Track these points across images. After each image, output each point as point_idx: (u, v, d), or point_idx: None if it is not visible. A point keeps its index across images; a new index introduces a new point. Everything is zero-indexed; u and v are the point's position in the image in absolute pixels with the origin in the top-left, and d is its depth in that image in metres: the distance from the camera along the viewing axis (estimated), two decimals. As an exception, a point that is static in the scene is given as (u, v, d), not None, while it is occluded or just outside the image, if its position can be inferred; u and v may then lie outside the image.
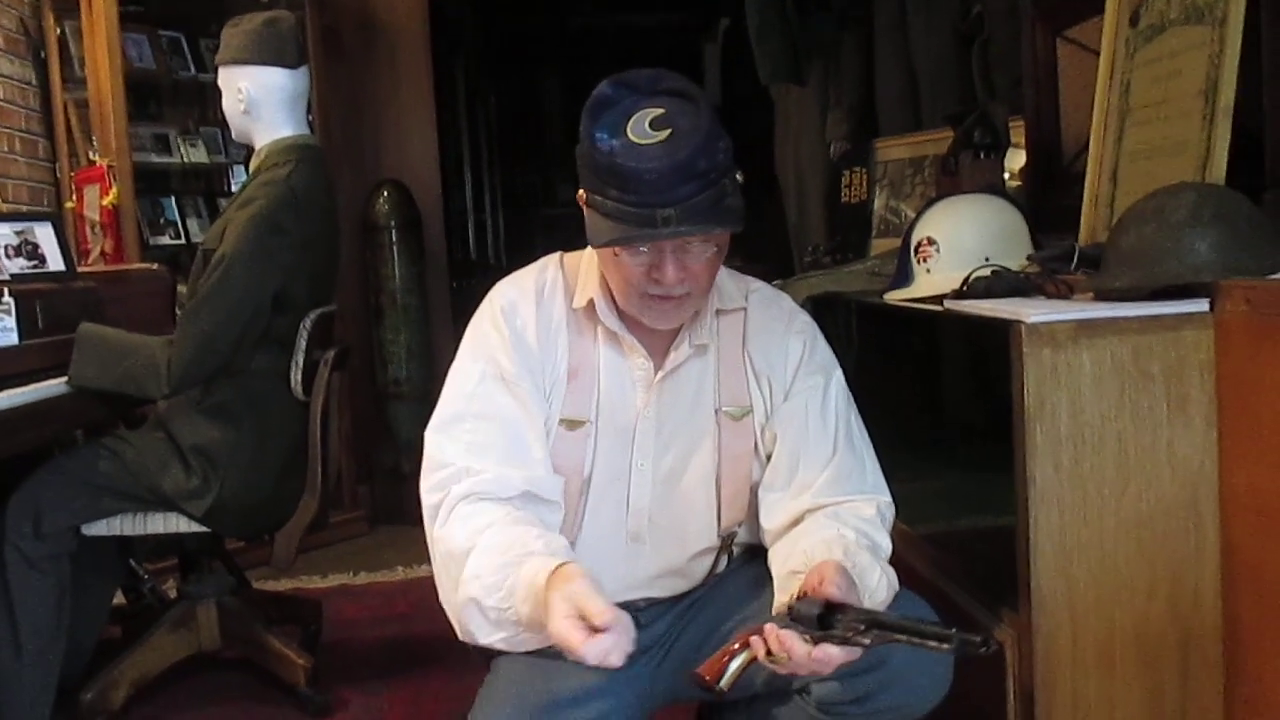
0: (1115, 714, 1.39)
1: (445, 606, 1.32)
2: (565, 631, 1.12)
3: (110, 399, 2.20)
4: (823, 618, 1.14)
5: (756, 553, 1.48)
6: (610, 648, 1.11)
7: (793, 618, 1.15)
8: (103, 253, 3.22)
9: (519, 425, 1.37)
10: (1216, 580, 1.37)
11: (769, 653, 1.15)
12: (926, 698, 1.32)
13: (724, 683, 1.17)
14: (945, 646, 1.08)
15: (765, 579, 1.36)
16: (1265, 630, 1.31)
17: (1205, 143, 1.55)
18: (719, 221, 1.25)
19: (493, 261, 6.05)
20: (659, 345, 1.42)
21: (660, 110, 1.23)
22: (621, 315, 1.40)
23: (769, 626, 1.15)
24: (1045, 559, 1.36)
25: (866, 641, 1.12)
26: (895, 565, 1.35)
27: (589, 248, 1.41)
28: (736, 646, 1.19)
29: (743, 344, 1.45)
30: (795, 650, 1.13)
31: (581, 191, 1.31)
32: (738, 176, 1.28)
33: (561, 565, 1.19)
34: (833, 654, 1.13)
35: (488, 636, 1.26)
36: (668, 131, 1.21)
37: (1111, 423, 1.35)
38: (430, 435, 1.40)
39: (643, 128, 1.23)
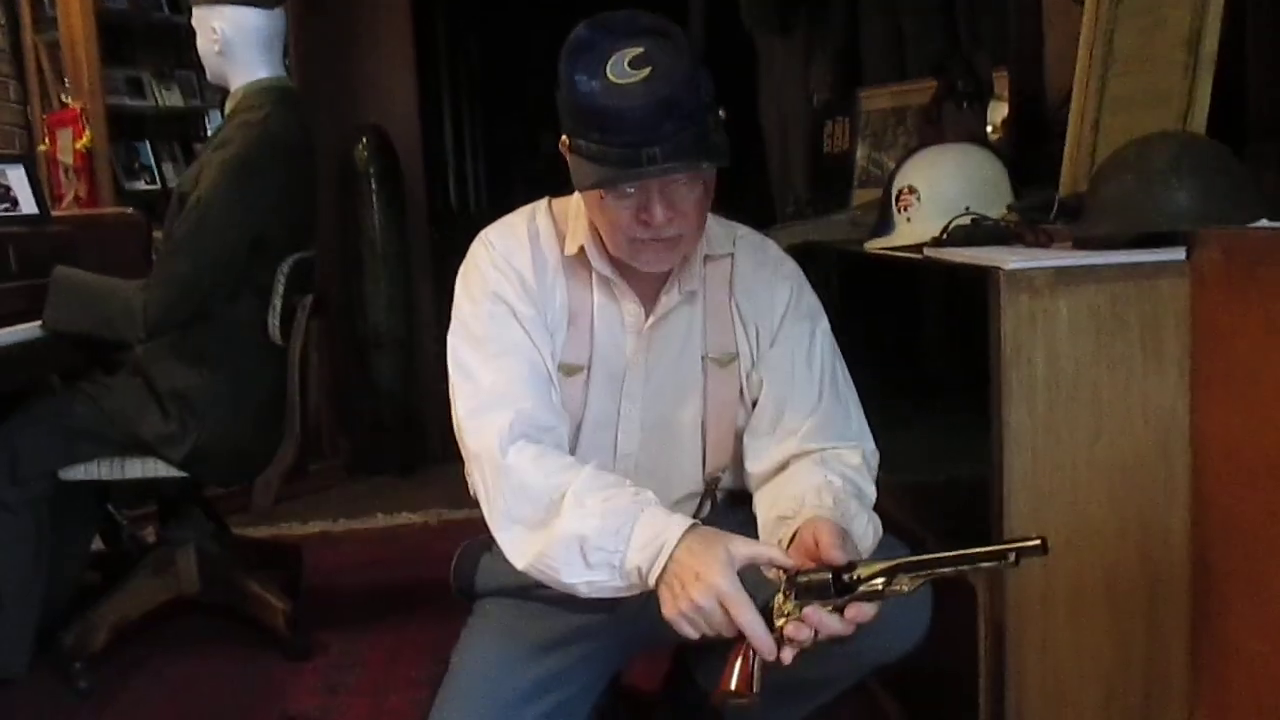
0: (1084, 654, 1.41)
1: (511, 540, 1.27)
2: (737, 592, 1.11)
3: (86, 344, 2.18)
4: (837, 584, 1.11)
5: (739, 498, 1.50)
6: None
7: (800, 594, 1.12)
8: (76, 197, 3.18)
9: (535, 357, 1.35)
10: (1185, 525, 1.39)
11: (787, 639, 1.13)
12: (908, 638, 1.34)
13: (756, 687, 1.14)
14: (1010, 560, 1.05)
15: (749, 524, 1.37)
16: (1232, 574, 1.33)
17: (1187, 93, 1.55)
18: (705, 156, 1.24)
19: (474, 211, 6.00)
20: (649, 292, 1.41)
21: (639, 49, 1.21)
22: (613, 261, 1.39)
23: (791, 627, 1.12)
24: (1018, 503, 1.37)
25: (907, 589, 1.10)
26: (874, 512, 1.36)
27: (576, 193, 1.40)
28: (751, 654, 1.14)
29: (730, 290, 1.45)
30: (831, 626, 1.12)
31: (563, 138, 1.29)
32: (720, 114, 1.27)
33: (693, 527, 1.17)
34: (867, 610, 1.12)
35: (576, 577, 1.21)
36: (647, 70, 1.20)
37: (1087, 370, 1.36)
38: (453, 374, 1.36)
39: (622, 68, 1.21)
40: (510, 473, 1.26)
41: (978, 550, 1.10)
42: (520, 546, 1.26)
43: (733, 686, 1.15)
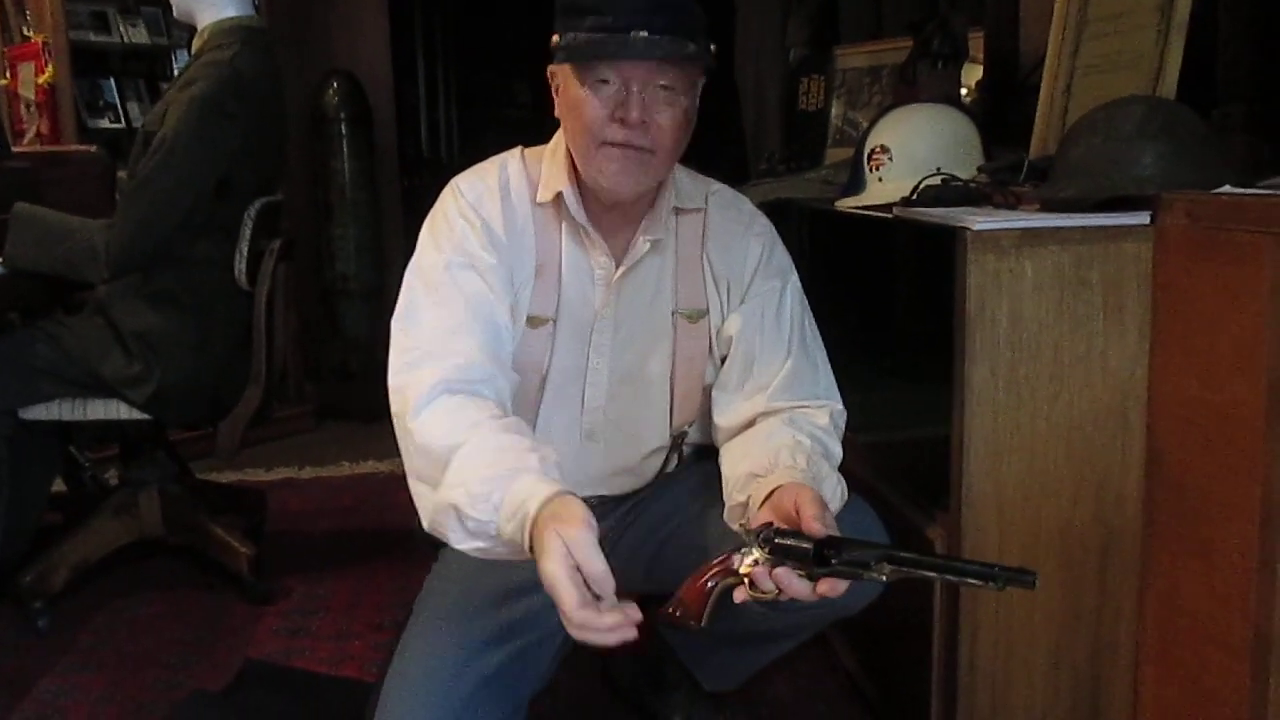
0: (1036, 608, 1.45)
1: (417, 499, 1.23)
2: (563, 586, 1.02)
3: (47, 282, 2.15)
4: (818, 556, 1.11)
5: (704, 453, 1.51)
6: (604, 629, 1.02)
7: (776, 553, 1.12)
8: (38, 133, 3.12)
9: (488, 307, 1.33)
10: (1140, 485, 1.42)
11: (751, 585, 1.14)
12: (862, 596, 1.36)
13: (705, 622, 1.14)
14: (992, 585, 1.05)
15: (713, 477, 1.39)
16: (1182, 534, 1.36)
17: (1159, 57, 1.56)
18: (691, 55, 1.27)
19: (445, 160, 5.94)
20: (619, 244, 1.41)
21: None
22: (588, 210, 1.38)
23: (760, 572, 1.12)
24: (977, 459, 1.39)
25: (884, 578, 1.11)
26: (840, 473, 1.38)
27: (551, 141, 1.40)
28: (710, 584, 1.15)
29: (702, 246, 1.45)
30: (797, 590, 1.12)
31: (554, 36, 1.31)
32: (710, 47, 1.30)
33: (557, 495, 1.09)
34: (839, 586, 1.13)
35: (462, 543, 1.18)
36: None
37: (1049, 330, 1.38)
38: (395, 324, 1.33)
39: None
40: (417, 433, 1.22)
41: (968, 564, 1.10)
42: (422, 505, 1.22)
43: (677, 612, 1.15)
